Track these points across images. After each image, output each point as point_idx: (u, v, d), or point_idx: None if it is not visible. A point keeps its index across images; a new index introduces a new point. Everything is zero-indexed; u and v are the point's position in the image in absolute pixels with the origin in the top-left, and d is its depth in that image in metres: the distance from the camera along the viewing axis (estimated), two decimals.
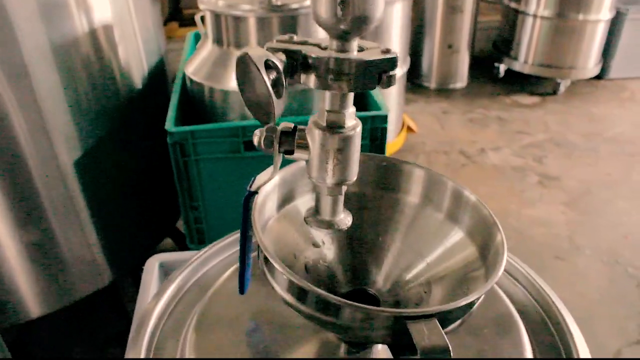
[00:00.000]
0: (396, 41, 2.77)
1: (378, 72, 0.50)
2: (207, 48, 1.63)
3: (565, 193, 2.80)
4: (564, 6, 3.58)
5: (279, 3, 1.51)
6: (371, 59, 0.49)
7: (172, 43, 4.06)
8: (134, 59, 1.64)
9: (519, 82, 4.01)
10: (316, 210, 0.62)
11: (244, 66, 0.47)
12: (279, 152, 0.57)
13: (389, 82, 0.51)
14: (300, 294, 0.54)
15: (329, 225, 0.62)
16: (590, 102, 3.79)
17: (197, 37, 2.09)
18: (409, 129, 3.30)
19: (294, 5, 1.48)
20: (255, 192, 0.61)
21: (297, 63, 0.51)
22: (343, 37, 0.49)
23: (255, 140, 0.57)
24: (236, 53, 1.55)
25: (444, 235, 0.68)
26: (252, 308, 0.73)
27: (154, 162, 1.81)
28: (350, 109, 0.55)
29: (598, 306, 2.12)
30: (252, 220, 0.58)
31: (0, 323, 1.57)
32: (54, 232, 1.52)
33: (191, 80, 1.65)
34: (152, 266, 0.92)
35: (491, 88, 3.99)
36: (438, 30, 3.77)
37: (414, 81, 4.00)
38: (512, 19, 3.88)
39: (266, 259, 0.56)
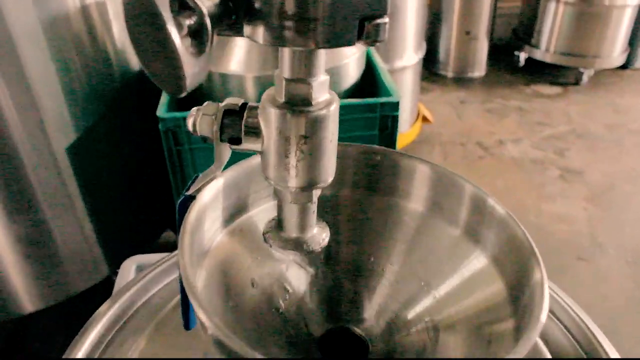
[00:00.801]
0: (411, 25, 2.65)
1: (359, 16, 0.34)
2: None
3: (588, 188, 2.66)
4: None
5: None
6: None
7: None
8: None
9: (540, 71, 3.85)
10: (278, 224, 0.45)
11: (137, 3, 0.31)
12: (220, 139, 0.42)
13: (376, 33, 0.35)
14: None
15: (296, 245, 0.45)
16: (614, 92, 3.62)
17: None
18: (425, 119, 3.18)
19: None
20: (193, 197, 0.45)
21: (236, 5, 0.35)
22: None
23: (190, 123, 0.43)
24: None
25: (460, 258, 0.50)
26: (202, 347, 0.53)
27: (151, 150, 1.72)
28: (322, 77, 0.39)
29: (623, 310, 1.99)
30: (179, 246, 0.40)
31: None
32: (47, 224, 1.44)
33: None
34: (129, 269, 0.81)
35: (511, 77, 3.85)
36: (456, 16, 3.63)
37: (431, 69, 3.86)
38: (534, 4, 3.72)
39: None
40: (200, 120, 0.42)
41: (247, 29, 0.36)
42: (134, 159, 1.66)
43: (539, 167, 2.83)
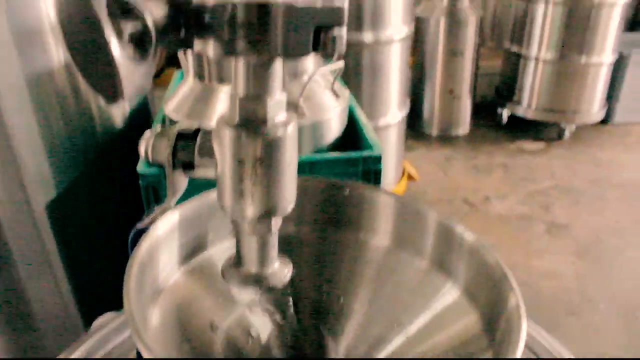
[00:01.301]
0: (394, 82, 2.69)
1: (314, 25, 0.33)
2: (188, 84, 1.54)
3: (575, 242, 2.66)
4: (566, 48, 3.52)
5: None
6: (303, 5, 0.32)
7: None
8: None
9: (522, 128, 3.92)
10: (237, 259, 0.42)
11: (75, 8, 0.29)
12: (173, 165, 0.40)
13: (333, 45, 0.34)
14: None
15: (257, 281, 0.42)
16: (596, 146, 3.68)
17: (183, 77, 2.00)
18: (410, 176, 3.20)
19: None
20: (143, 230, 0.42)
21: (186, 19, 0.33)
22: None
23: (142, 148, 0.42)
24: (220, 88, 1.46)
25: (431, 292, 0.47)
26: None
27: (131, 206, 1.69)
28: (277, 95, 0.38)
29: None
30: (125, 277, 0.38)
31: None
32: (22, 283, 1.39)
33: (170, 120, 1.55)
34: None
35: (494, 134, 3.90)
36: (439, 75, 3.72)
37: (415, 128, 3.92)
38: (514, 63, 3.83)
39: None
40: (153, 144, 0.40)
41: (197, 44, 0.35)
42: (114, 214, 1.63)
43: (525, 222, 2.83)
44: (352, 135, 1.66)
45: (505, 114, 3.95)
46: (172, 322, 0.40)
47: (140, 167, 1.34)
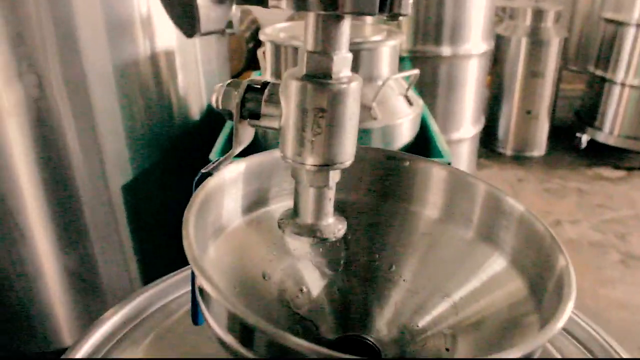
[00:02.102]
0: (470, 97, 2.66)
1: None
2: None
3: None
4: None
5: None
6: None
7: None
8: (193, 89, 1.62)
9: (602, 154, 3.76)
10: (294, 210, 0.44)
11: None
12: (240, 115, 0.42)
13: (399, 5, 0.36)
14: (244, 332, 0.34)
15: (311, 231, 0.43)
16: None
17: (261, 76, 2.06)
18: None
19: (357, 39, 1.41)
20: (209, 174, 0.45)
21: None
22: None
23: (213, 99, 0.44)
24: None
25: (477, 263, 0.47)
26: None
27: None
28: (344, 52, 0.40)
29: None
30: (188, 207, 0.40)
31: (29, 349, 1.52)
32: (94, 259, 1.47)
33: None
34: None
35: (571, 158, 3.77)
36: (517, 94, 3.63)
37: (490, 147, 3.84)
38: (598, 87, 3.69)
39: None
40: (224, 93, 0.42)
41: (272, 1, 0.37)
42: (184, 202, 1.70)
43: (598, 250, 2.71)
44: (423, 144, 1.65)
45: (584, 138, 3.81)
46: (226, 262, 0.42)
47: (213, 156, 1.39)
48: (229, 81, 0.43)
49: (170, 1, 0.33)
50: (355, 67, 1.45)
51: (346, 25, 0.39)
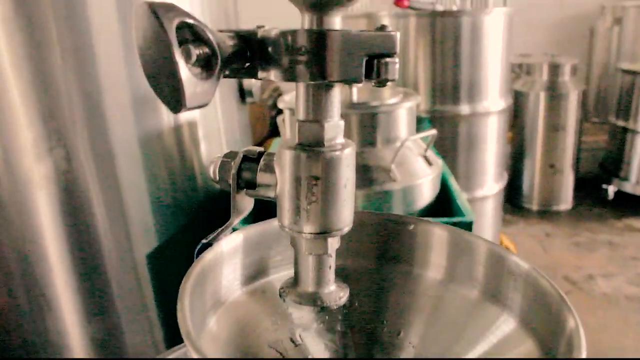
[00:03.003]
0: (491, 154, 2.66)
1: (365, 53, 0.36)
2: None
3: None
4: None
5: (358, 100, 1.48)
6: (355, 32, 0.36)
7: None
8: None
9: (631, 205, 3.69)
10: (295, 279, 0.45)
11: (142, 21, 0.33)
12: (237, 185, 0.43)
13: (385, 71, 0.37)
14: None
15: (312, 300, 0.43)
16: None
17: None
18: None
19: (374, 103, 1.44)
20: (210, 244, 0.46)
21: (252, 50, 0.37)
22: (319, 6, 0.36)
23: (211, 170, 0.45)
24: None
25: (485, 325, 0.47)
26: None
27: None
28: (335, 119, 0.40)
29: None
30: (181, 288, 0.43)
31: None
32: (119, 327, 1.47)
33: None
34: None
35: (599, 210, 3.70)
36: (539, 149, 3.62)
37: (515, 202, 3.80)
38: (620, 137, 3.66)
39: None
40: (220, 164, 0.44)
41: (261, 73, 0.39)
42: None
43: (636, 304, 2.62)
44: (444, 203, 1.65)
45: (611, 190, 3.75)
46: (228, 335, 0.42)
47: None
48: (225, 152, 0.44)
49: (156, 78, 0.35)
50: (372, 130, 1.48)
51: (336, 93, 0.41)
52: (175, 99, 0.35)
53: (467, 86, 2.52)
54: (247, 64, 0.38)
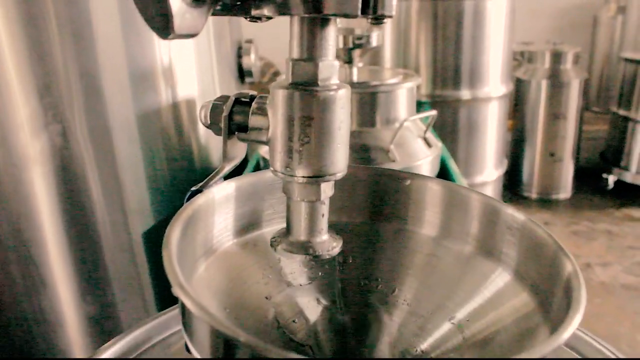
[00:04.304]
0: (491, 140, 2.65)
1: None
2: None
3: None
4: None
5: (357, 80, 1.47)
6: None
7: None
8: (214, 136, 1.64)
9: (631, 195, 3.68)
10: (287, 228, 0.43)
11: None
12: (229, 129, 0.42)
13: (382, 5, 0.35)
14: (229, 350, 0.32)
15: (304, 248, 0.42)
16: None
17: None
18: None
19: (374, 83, 1.43)
20: (199, 191, 0.46)
21: None
22: None
23: (202, 114, 0.44)
24: None
25: (480, 280, 0.46)
26: None
27: None
28: (329, 58, 0.39)
29: None
30: (168, 229, 0.41)
31: None
32: (115, 305, 1.47)
33: (265, 160, 1.61)
34: None
35: (599, 200, 3.70)
36: (539, 137, 3.61)
37: (514, 191, 3.79)
38: (622, 127, 3.65)
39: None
40: (211, 109, 0.42)
41: (254, 10, 0.37)
42: None
43: (632, 292, 2.62)
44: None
45: (611, 179, 3.74)
46: (218, 284, 0.41)
47: None
48: (218, 96, 0.43)
49: (144, 2, 0.34)
50: (372, 110, 1.46)
51: (331, 31, 0.39)
52: (163, 23, 0.33)
53: (468, 71, 2.50)
54: (239, 4, 0.37)
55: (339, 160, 0.40)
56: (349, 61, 1.53)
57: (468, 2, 2.36)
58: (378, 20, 0.37)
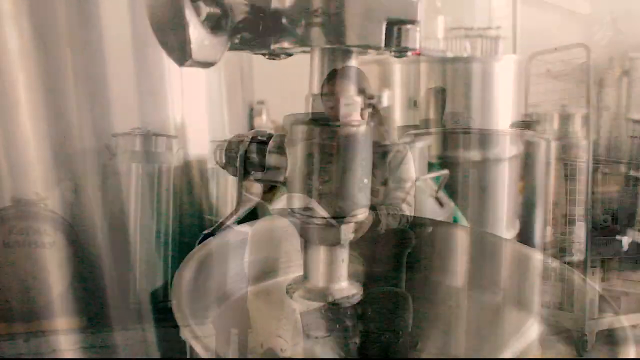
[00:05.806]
0: (502, 200, 2.63)
1: (385, 17, 0.32)
2: None
3: None
4: None
5: None
6: None
7: None
8: (222, 198, 1.65)
9: None
10: (304, 273, 0.39)
11: None
12: (245, 169, 0.38)
13: (406, 39, 0.33)
14: None
15: (322, 295, 0.38)
16: None
17: None
18: None
19: (385, 142, 1.44)
20: (211, 234, 0.43)
21: (265, 20, 0.33)
22: None
23: (217, 154, 0.42)
24: None
25: (510, 332, 0.42)
26: None
27: None
28: (350, 94, 0.36)
29: None
30: (177, 274, 0.39)
31: None
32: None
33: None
34: None
35: (614, 262, 3.61)
36: (551, 199, 3.57)
37: None
38: (633, 187, 3.61)
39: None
40: (226, 148, 0.41)
41: (274, 44, 0.36)
42: None
43: None
44: None
45: (625, 241, 3.67)
46: (231, 332, 0.39)
47: None
48: (234, 135, 0.42)
49: (162, 27, 0.33)
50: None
51: (351, 70, 0.38)
52: (180, 50, 0.33)
53: (478, 132, 2.51)
54: (259, 38, 0.36)
55: (361, 199, 0.38)
56: None
57: (476, 64, 2.40)
58: (401, 53, 0.36)
